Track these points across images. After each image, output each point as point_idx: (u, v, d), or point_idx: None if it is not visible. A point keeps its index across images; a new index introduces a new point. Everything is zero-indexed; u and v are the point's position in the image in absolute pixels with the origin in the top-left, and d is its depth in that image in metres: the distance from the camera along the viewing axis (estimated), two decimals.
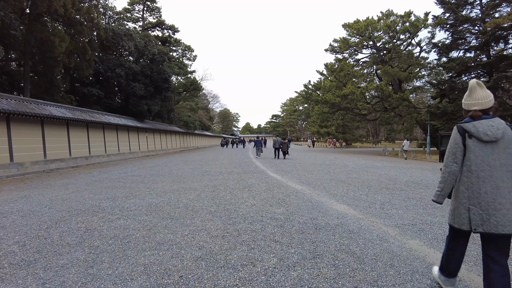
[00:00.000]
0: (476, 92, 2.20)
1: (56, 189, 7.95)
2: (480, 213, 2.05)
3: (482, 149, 2.09)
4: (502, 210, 1.99)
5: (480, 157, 2.09)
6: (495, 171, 2.05)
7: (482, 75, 21.37)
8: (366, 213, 4.83)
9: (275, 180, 8.85)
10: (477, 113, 2.17)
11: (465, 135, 2.16)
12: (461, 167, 2.18)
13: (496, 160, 2.06)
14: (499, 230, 1.98)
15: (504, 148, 2.06)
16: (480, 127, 2.10)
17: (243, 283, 2.55)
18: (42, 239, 3.81)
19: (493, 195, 2.03)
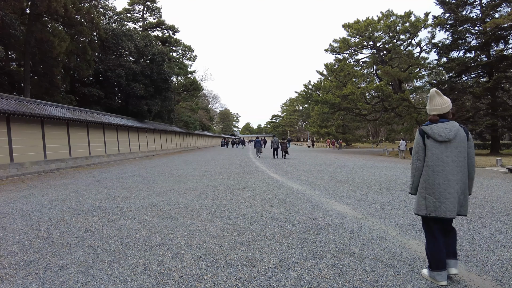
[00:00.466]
0: (435, 99, 2.57)
1: (56, 189, 7.95)
2: (434, 201, 2.45)
3: (437, 148, 2.47)
4: (450, 198, 2.40)
5: (436, 154, 2.46)
6: (447, 166, 2.43)
7: (482, 75, 21.38)
8: (366, 213, 4.83)
9: (275, 180, 8.85)
10: (435, 118, 2.55)
11: (424, 136, 2.56)
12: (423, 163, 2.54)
13: (449, 157, 2.44)
14: (447, 215, 2.42)
15: (456, 147, 2.45)
16: (436, 129, 2.48)
17: (243, 283, 2.55)
18: (42, 239, 3.81)
19: (445, 186, 2.42)
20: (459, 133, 2.47)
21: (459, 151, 2.46)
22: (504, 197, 5.98)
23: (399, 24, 26.10)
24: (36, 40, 16.65)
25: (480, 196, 6.13)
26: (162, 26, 40.04)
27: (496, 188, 7.07)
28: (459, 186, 2.45)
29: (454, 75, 21.82)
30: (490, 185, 7.51)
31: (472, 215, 4.64)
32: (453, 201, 2.41)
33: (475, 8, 21.11)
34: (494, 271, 2.74)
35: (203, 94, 62.33)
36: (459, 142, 2.46)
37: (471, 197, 5.92)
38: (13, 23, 14.63)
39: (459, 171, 2.45)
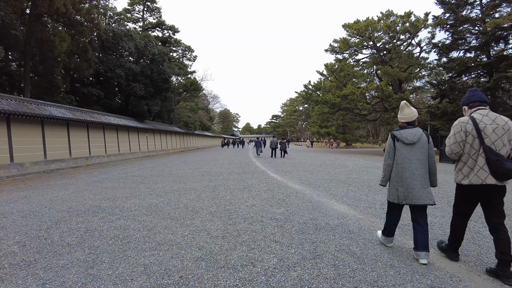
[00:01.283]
0: (404, 110, 3.14)
1: (56, 190, 7.95)
2: (403, 191, 3.00)
3: (404, 149, 3.04)
4: (415, 189, 2.94)
5: (403, 154, 3.04)
6: (412, 163, 2.99)
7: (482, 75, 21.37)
8: (366, 213, 4.83)
9: (275, 180, 8.85)
10: (403, 125, 3.12)
11: (394, 139, 3.12)
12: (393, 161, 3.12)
13: (413, 156, 3.00)
14: (414, 202, 2.95)
15: (419, 148, 2.99)
16: (404, 134, 3.05)
17: (243, 283, 2.55)
18: (42, 240, 3.81)
19: (411, 179, 2.97)
20: (422, 137, 3.02)
21: (422, 152, 3.00)
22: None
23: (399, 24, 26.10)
24: (37, 40, 16.66)
25: None
26: (162, 26, 40.05)
27: None
28: (423, 179, 2.97)
29: (454, 75, 21.80)
30: None
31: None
32: (418, 191, 2.93)
33: (475, 8, 21.11)
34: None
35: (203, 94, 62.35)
36: (422, 144, 3.00)
37: None
38: (14, 23, 14.63)
39: (422, 167, 2.99)
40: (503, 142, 2.63)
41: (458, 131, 2.78)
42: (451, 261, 2.96)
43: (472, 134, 2.70)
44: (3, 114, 11.19)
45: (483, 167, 2.65)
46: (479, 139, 2.67)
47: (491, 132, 2.64)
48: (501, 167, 2.55)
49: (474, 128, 2.70)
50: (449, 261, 2.95)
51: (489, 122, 2.67)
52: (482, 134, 2.66)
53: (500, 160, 2.56)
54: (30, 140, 13.11)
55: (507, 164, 2.54)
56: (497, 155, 2.59)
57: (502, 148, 2.63)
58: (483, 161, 2.65)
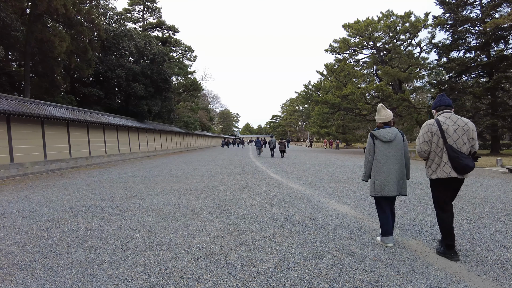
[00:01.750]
0: (381, 112, 3.48)
1: (56, 190, 7.96)
2: (380, 184, 3.31)
3: (382, 146, 3.35)
4: (391, 182, 3.27)
5: (381, 151, 3.35)
6: (389, 159, 3.31)
7: (482, 75, 21.37)
8: (366, 213, 4.83)
9: (275, 180, 8.85)
10: (381, 125, 3.45)
11: (373, 138, 3.42)
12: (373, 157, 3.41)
13: (391, 153, 3.32)
14: (389, 193, 3.28)
15: (395, 146, 3.32)
16: (382, 133, 3.37)
17: (243, 283, 2.55)
18: (43, 240, 3.82)
19: (388, 173, 3.29)
20: (398, 136, 3.36)
21: (398, 149, 3.34)
22: (504, 197, 5.98)
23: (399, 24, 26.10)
24: (37, 40, 16.66)
25: (480, 196, 6.13)
26: (162, 26, 40.07)
27: (496, 188, 7.06)
28: (398, 173, 3.31)
29: (454, 75, 21.80)
30: (490, 185, 7.51)
31: (472, 215, 4.65)
32: (393, 184, 3.27)
33: (475, 8, 21.11)
34: (494, 271, 2.74)
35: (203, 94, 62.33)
36: (397, 142, 3.34)
37: (471, 198, 5.96)
38: (14, 24, 14.64)
39: (398, 162, 3.32)
40: (463, 141, 2.99)
41: (425, 132, 3.13)
42: (451, 261, 2.96)
43: (437, 134, 3.06)
44: (3, 114, 11.19)
45: (447, 163, 2.99)
46: (442, 139, 3.02)
47: (453, 132, 3.00)
48: (459, 163, 2.91)
49: (438, 129, 3.05)
50: (449, 261, 2.95)
51: (451, 124, 3.03)
52: (445, 134, 3.01)
53: (459, 157, 2.91)
54: (30, 140, 13.12)
55: (465, 160, 2.90)
56: (456, 152, 2.94)
57: (463, 146, 2.98)
58: (447, 158, 2.99)
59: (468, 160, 2.92)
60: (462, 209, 5.05)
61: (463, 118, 3.08)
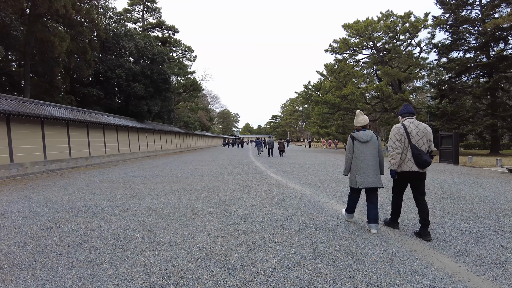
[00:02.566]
0: (359, 117, 4.12)
1: (56, 190, 7.96)
2: (361, 178, 3.89)
3: (361, 146, 3.97)
4: (370, 176, 3.87)
5: (360, 150, 3.96)
6: (366, 157, 3.92)
7: (482, 76, 21.38)
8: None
9: (275, 180, 8.86)
10: (359, 128, 4.11)
11: (353, 139, 4.05)
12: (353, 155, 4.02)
13: (368, 151, 3.93)
14: (369, 185, 3.86)
15: (371, 145, 3.94)
16: (360, 135, 4.00)
17: (243, 283, 2.56)
18: (42, 240, 3.82)
19: (366, 168, 3.89)
20: (373, 137, 3.98)
21: (373, 148, 3.95)
22: (504, 198, 5.99)
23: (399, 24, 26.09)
24: (36, 40, 16.66)
25: (480, 196, 6.13)
26: (162, 26, 40.05)
27: (496, 189, 7.07)
28: (374, 169, 3.90)
29: (454, 75, 21.82)
30: (490, 186, 7.51)
31: (472, 215, 4.65)
32: (371, 177, 3.87)
33: (475, 9, 21.13)
34: (494, 271, 2.74)
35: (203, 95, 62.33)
36: (373, 142, 3.96)
37: (471, 198, 5.96)
38: (14, 24, 14.63)
39: (374, 159, 3.92)
40: (423, 141, 3.68)
41: (396, 133, 3.78)
42: (451, 261, 2.96)
43: (403, 136, 3.71)
44: (3, 114, 11.19)
45: (410, 159, 3.64)
46: (408, 139, 3.69)
47: (415, 134, 3.67)
48: (420, 159, 3.56)
49: (404, 132, 3.71)
50: (449, 261, 2.96)
51: (414, 127, 3.71)
52: (409, 135, 3.68)
53: (420, 154, 3.58)
54: (30, 140, 13.11)
55: (424, 157, 3.57)
56: (418, 150, 3.61)
57: (423, 145, 3.67)
58: (411, 155, 3.64)
59: (427, 157, 3.59)
60: (462, 209, 5.05)
61: (422, 123, 3.78)
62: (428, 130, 3.73)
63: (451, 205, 5.36)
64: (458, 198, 5.97)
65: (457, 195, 6.22)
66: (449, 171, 11.04)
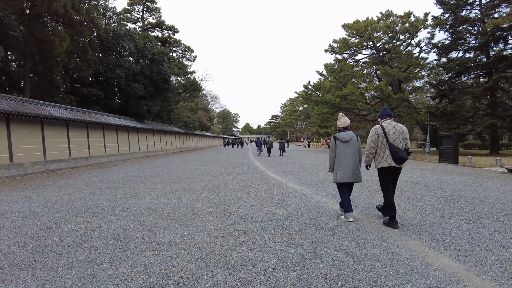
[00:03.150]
0: (341, 119, 4.54)
1: (56, 190, 7.96)
2: (341, 173, 4.34)
3: (342, 145, 4.39)
4: (349, 171, 4.31)
5: (341, 149, 4.39)
6: (347, 155, 4.34)
7: (482, 76, 21.39)
8: (365, 213, 4.84)
9: (274, 180, 8.86)
10: (341, 129, 4.51)
11: (335, 139, 4.45)
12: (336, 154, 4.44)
13: (348, 150, 4.35)
14: (348, 180, 4.33)
15: (351, 145, 4.37)
16: (341, 135, 4.42)
17: (243, 283, 2.56)
18: (42, 240, 3.82)
19: (347, 165, 4.32)
20: (353, 137, 4.41)
21: (353, 147, 4.38)
22: (503, 197, 5.99)
23: (399, 24, 26.11)
24: (36, 40, 16.65)
25: (480, 196, 6.14)
26: (161, 26, 40.04)
27: (496, 188, 7.08)
28: (353, 166, 4.34)
29: (454, 75, 21.82)
30: (489, 185, 7.52)
31: (471, 215, 4.66)
32: (351, 173, 4.31)
33: (475, 9, 21.14)
34: (493, 271, 2.75)
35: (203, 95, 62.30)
36: (353, 142, 4.39)
37: (470, 198, 5.98)
38: (13, 24, 14.62)
39: (353, 157, 4.36)
40: (400, 140, 4.11)
41: (373, 134, 4.21)
42: (450, 261, 2.97)
43: (381, 135, 4.14)
44: (3, 114, 11.19)
45: (389, 155, 4.06)
46: (386, 139, 4.10)
47: (392, 134, 4.10)
48: (397, 156, 4.00)
49: (382, 132, 4.14)
50: (448, 261, 2.96)
51: (391, 128, 4.14)
52: (387, 135, 4.10)
53: (397, 151, 4.01)
54: (30, 140, 13.11)
55: (401, 153, 4.01)
56: (395, 148, 4.04)
57: (400, 143, 4.10)
58: (389, 152, 4.06)
59: (403, 154, 4.03)
60: (461, 209, 5.06)
61: (398, 124, 4.20)
62: (404, 130, 4.15)
63: (451, 205, 5.37)
64: (457, 198, 5.98)
65: (456, 195, 6.23)
66: (448, 171, 11.05)
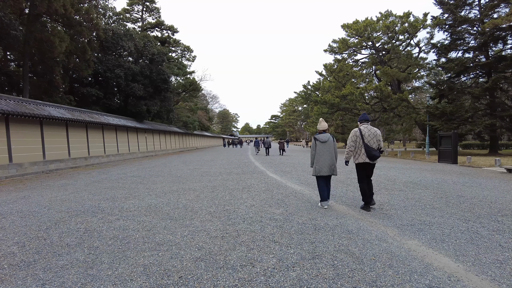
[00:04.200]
0: (321, 123, 5.39)
1: (55, 190, 7.95)
2: (318, 168, 5.12)
3: (321, 145, 5.20)
4: (325, 166, 5.09)
5: (320, 148, 5.18)
6: (324, 153, 5.13)
7: (481, 76, 21.42)
8: (365, 213, 4.85)
9: (274, 180, 8.86)
10: (320, 131, 5.35)
11: (315, 140, 5.27)
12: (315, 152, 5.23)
13: (325, 149, 5.15)
14: (324, 174, 5.11)
15: (328, 145, 5.17)
16: (320, 137, 5.24)
17: (242, 283, 2.56)
18: (42, 240, 3.81)
19: (324, 162, 5.11)
20: (330, 138, 5.24)
21: (330, 147, 5.21)
22: (502, 197, 6.00)
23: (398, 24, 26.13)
24: (36, 40, 16.62)
25: (479, 196, 6.15)
26: (161, 26, 40.01)
27: (495, 188, 7.09)
28: (329, 162, 5.15)
29: (453, 75, 21.84)
30: (488, 185, 7.53)
31: (470, 215, 4.66)
32: (327, 168, 5.13)
33: (474, 9, 21.16)
34: (492, 271, 2.75)
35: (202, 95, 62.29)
36: (329, 142, 5.23)
37: (470, 198, 5.99)
38: (13, 24, 14.60)
39: (329, 155, 5.17)
40: (374, 141, 4.95)
41: (353, 135, 5.07)
42: (450, 260, 2.97)
43: (359, 137, 5.00)
44: (2, 114, 11.17)
45: (364, 153, 4.93)
46: (362, 140, 4.95)
47: (368, 136, 4.96)
48: (370, 154, 4.86)
49: (360, 134, 5.00)
50: (447, 261, 2.97)
51: (367, 131, 5.00)
52: (363, 137, 4.95)
53: (371, 150, 4.86)
54: (29, 140, 13.09)
55: (374, 152, 4.86)
56: (369, 147, 4.89)
57: (373, 144, 4.94)
58: (364, 150, 4.92)
59: (376, 152, 4.88)
60: (461, 209, 5.07)
61: (373, 127, 5.05)
62: (377, 133, 5.01)
63: (450, 205, 5.38)
64: (457, 198, 5.99)
65: (456, 195, 6.24)
66: (448, 171, 11.07)
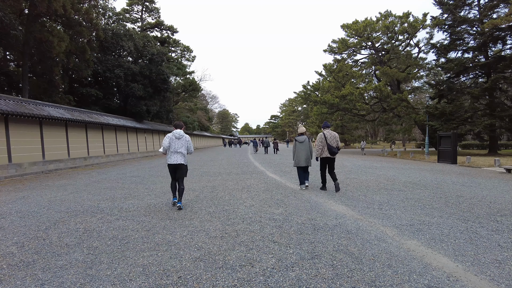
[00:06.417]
0: (300, 128, 7.53)
1: (55, 190, 7.94)
2: (297, 161, 7.13)
3: (299, 144, 7.16)
4: (302, 160, 7.10)
5: (299, 147, 7.13)
6: (302, 150, 7.10)
7: (480, 76, 21.45)
8: (364, 213, 4.85)
9: (273, 180, 8.87)
10: (300, 134, 7.35)
11: (295, 141, 7.27)
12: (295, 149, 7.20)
13: (303, 147, 7.12)
14: (301, 165, 7.14)
15: (305, 145, 7.15)
16: (299, 138, 7.25)
17: (242, 283, 2.56)
18: (41, 240, 3.81)
19: (301, 156, 7.09)
20: (306, 140, 7.13)
21: (306, 146, 7.08)
22: (501, 197, 6.01)
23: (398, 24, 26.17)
24: (35, 40, 16.61)
25: (478, 196, 6.16)
26: (161, 26, 40.03)
27: (494, 188, 7.10)
28: (306, 156, 7.03)
29: (453, 75, 21.87)
30: (488, 185, 7.54)
31: (469, 215, 4.67)
32: (304, 161, 7.03)
33: (473, 9, 21.20)
34: (491, 271, 2.76)
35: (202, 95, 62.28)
36: (306, 143, 7.11)
37: (469, 198, 6.00)
38: (12, 24, 14.59)
39: (305, 152, 7.03)
40: (333, 142, 6.72)
41: (320, 138, 6.77)
42: (449, 260, 2.98)
43: (324, 139, 6.72)
44: (1, 114, 11.16)
45: (326, 150, 6.71)
46: (326, 141, 6.71)
47: (329, 138, 6.72)
48: (331, 150, 6.65)
49: (324, 137, 6.73)
50: (447, 261, 2.97)
51: (328, 135, 6.74)
52: (326, 139, 6.71)
53: (331, 148, 6.65)
54: (29, 140, 13.08)
55: (334, 149, 6.66)
56: (331, 146, 6.66)
57: (333, 143, 6.70)
58: (326, 148, 6.71)
59: (335, 149, 6.68)
60: (460, 209, 5.07)
61: (333, 132, 6.85)
62: (336, 136, 6.79)
63: (449, 205, 5.38)
64: (456, 198, 5.99)
65: (455, 195, 6.25)
66: (447, 171, 11.08)
